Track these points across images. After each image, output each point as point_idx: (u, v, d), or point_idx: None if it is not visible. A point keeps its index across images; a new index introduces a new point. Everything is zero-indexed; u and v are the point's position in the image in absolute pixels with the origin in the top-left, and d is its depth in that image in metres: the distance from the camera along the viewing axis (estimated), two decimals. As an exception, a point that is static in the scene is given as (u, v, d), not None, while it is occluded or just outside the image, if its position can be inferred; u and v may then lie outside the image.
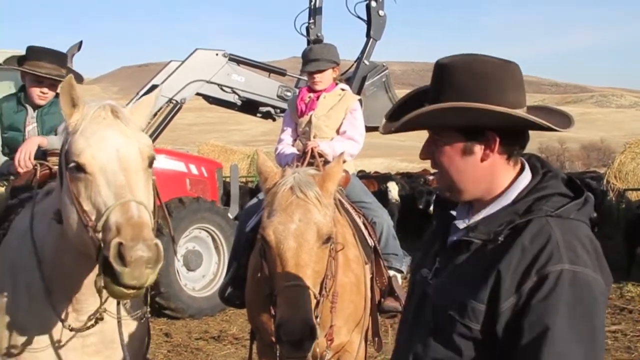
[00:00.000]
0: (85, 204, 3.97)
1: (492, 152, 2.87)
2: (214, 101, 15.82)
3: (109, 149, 4.03)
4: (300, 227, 4.63)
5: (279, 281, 4.54)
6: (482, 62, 2.89)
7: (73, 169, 4.02)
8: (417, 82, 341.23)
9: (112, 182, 3.95)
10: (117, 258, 3.69)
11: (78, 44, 12.53)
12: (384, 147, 55.06)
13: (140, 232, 3.77)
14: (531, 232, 2.73)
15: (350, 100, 6.83)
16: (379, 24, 15.78)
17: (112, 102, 4.32)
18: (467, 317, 2.77)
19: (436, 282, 3.02)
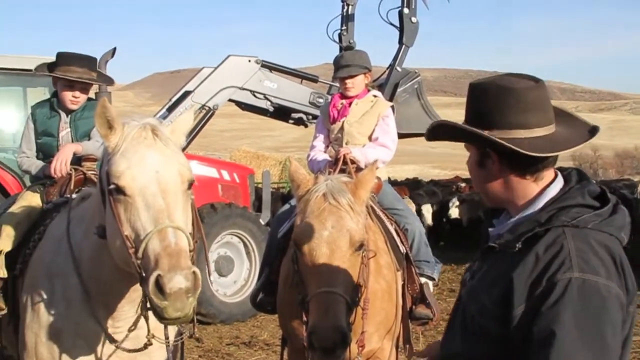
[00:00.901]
0: (125, 227, 3.99)
1: (501, 168, 3.03)
2: (246, 107, 15.87)
3: (148, 170, 4.03)
4: (333, 234, 4.63)
5: (311, 288, 4.54)
6: (488, 86, 3.07)
7: (113, 191, 4.04)
8: (449, 88, 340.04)
9: (151, 206, 3.97)
10: (157, 292, 3.72)
11: (112, 51, 12.64)
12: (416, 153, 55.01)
13: (177, 261, 3.78)
14: (547, 241, 2.82)
15: (382, 106, 6.82)
16: (411, 31, 15.78)
17: (153, 122, 4.32)
18: (486, 319, 2.90)
19: (469, 285, 3.16)
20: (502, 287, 2.83)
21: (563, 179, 3.06)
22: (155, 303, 3.74)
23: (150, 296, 3.74)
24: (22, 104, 13.78)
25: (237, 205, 13.63)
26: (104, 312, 4.69)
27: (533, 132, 2.97)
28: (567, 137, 3.03)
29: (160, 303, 3.73)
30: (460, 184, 25.89)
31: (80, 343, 4.71)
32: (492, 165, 3.04)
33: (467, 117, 3.12)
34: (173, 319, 3.80)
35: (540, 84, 3.05)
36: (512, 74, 3.12)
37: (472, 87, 3.14)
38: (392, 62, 15.83)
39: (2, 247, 5.48)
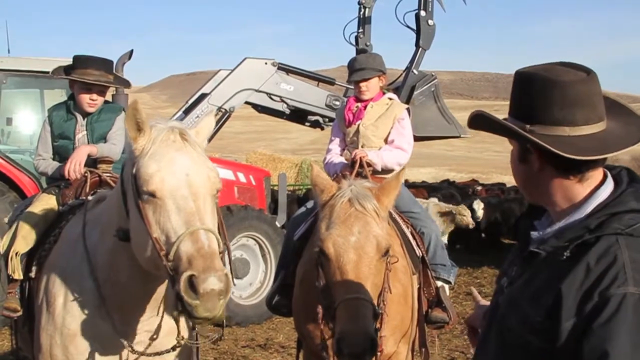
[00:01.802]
0: (154, 229, 4.00)
1: (543, 166, 2.82)
2: (262, 110, 15.89)
3: (179, 173, 4.06)
4: (360, 240, 4.62)
5: (339, 294, 4.52)
6: (531, 77, 2.84)
7: (142, 193, 4.05)
8: (466, 91, 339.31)
9: (182, 208, 3.98)
10: (189, 290, 3.73)
11: (129, 53, 12.69)
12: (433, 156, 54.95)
13: (211, 263, 3.80)
14: (598, 251, 2.63)
15: (398, 109, 6.80)
16: (428, 34, 15.78)
17: (179, 125, 4.34)
18: (528, 331, 2.72)
19: (508, 292, 2.98)
20: (548, 299, 2.65)
21: (613, 180, 2.86)
22: (186, 301, 3.75)
23: (182, 294, 3.74)
24: (39, 106, 13.88)
25: (253, 208, 13.61)
26: (119, 315, 4.70)
27: (579, 129, 2.74)
28: (619, 135, 2.81)
29: (191, 302, 3.73)
30: (477, 187, 25.88)
31: (95, 346, 4.72)
32: (533, 162, 2.84)
33: (510, 108, 2.93)
34: (202, 318, 3.81)
35: (591, 77, 2.79)
36: (562, 63, 2.88)
37: (517, 76, 2.92)
38: (409, 64, 15.83)
39: (18, 249, 5.49)
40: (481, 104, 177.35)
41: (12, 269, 5.27)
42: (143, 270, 4.44)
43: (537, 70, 2.86)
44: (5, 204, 11.69)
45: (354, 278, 4.53)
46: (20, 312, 5.40)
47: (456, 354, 11.04)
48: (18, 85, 13.47)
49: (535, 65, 2.93)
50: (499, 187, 26.84)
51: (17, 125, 13.94)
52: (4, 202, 11.78)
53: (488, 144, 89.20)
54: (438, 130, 15.95)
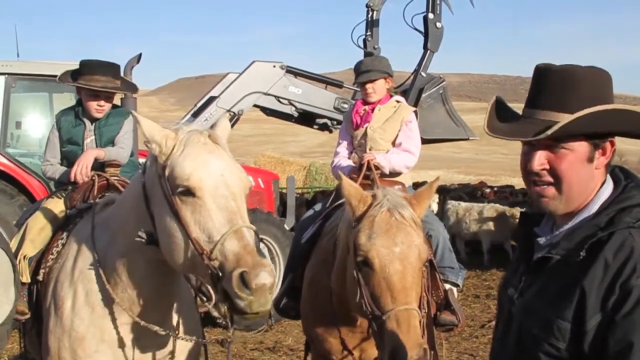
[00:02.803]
0: (193, 229, 4.03)
1: (605, 159, 2.85)
2: (271, 113, 15.92)
3: (215, 173, 4.09)
4: (404, 250, 4.64)
5: (386, 305, 4.52)
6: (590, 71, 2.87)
7: (180, 193, 4.07)
8: (474, 93, 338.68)
9: (223, 207, 4.02)
10: (243, 287, 3.76)
11: (137, 57, 12.71)
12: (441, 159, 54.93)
13: (260, 259, 3.87)
14: (614, 245, 2.66)
15: (405, 111, 6.80)
16: (436, 36, 15.78)
17: (202, 127, 4.39)
18: (554, 336, 2.72)
19: (521, 301, 2.97)
20: (572, 299, 2.67)
21: (612, 178, 2.91)
22: (240, 298, 3.79)
23: (235, 291, 3.78)
24: (47, 109, 13.93)
25: (261, 211, 13.59)
26: (129, 318, 4.70)
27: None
28: None
29: (246, 298, 3.78)
30: (486, 190, 25.79)
31: (103, 348, 4.74)
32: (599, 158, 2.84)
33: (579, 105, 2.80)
34: (255, 313, 3.86)
35: None
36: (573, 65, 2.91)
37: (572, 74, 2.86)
38: (417, 67, 15.84)
39: (26, 252, 5.51)
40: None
41: (20, 272, 5.28)
42: (158, 272, 4.52)
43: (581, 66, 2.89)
44: (14, 207, 11.72)
45: (400, 289, 4.55)
46: (28, 315, 5.42)
47: (465, 357, 11.02)
48: (27, 89, 13.52)
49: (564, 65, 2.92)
50: (508, 190, 26.72)
51: (26, 129, 13.96)
52: (13, 206, 11.82)
53: (496, 146, 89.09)
54: (446, 132, 15.93)
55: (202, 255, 3.94)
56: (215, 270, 3.89)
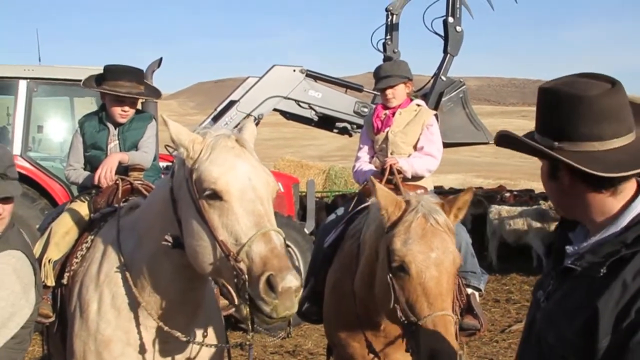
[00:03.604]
0: (220, 232, 4.04)
1: (573, 182, 2.77)
2: (291, 117, 15.92)
3: (242, 177, 4.11)
4: (440, 256, 4.67)
5: (422, 310, 4.55)
6: (556, 94, 2.79)
7: (208, 197, 4.09)
8: (493, 97, 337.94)
9: (251, 211, 4.04)
10: (269, 291, 3.79)
11: (158, 61, 12.74)
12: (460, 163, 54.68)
13: (286, 262, 3.88)
14: (635, 266, 2.59)
15: (426, 115, 6.80)
16: (456, 40, 15.77)
17: (229, 132, 4.41)
18: (565, 348, 2.70)
19: (545, 307, 2.95)
20: (585, 316, 2.61)
21: None
22: (266, 302, 3.81)
23: (262, 295, 3.80)
24: (69, 113, 14.00)
25: (281, 215, 13.56)
26: (155, 322, 4.72)
27: (609, 143, 2.69)
28: None
29: (271, 302, 3.80)
30: (505, 194, 25.70)
31: (129, 351, 4.75)
32: (563, 179, 2.79)
33: (537, 125, 2.90)
34: (281, 317, 3.88)
35: (616, 88, 2.74)
36: (586, 75, 2.83)
37: (542, 92, 2.87)
38: (437, 71, 15.82)
39: (51, 256, 5.53)
40: (508, 110, 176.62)
41: (44, 276, 5.29)
42: (184, 277, 4.53)
43: (561, 86, 2.81)
44: (36, 211, 11.77)
45: (437, 294, 4.57)
46: (53, 318, 5.43)
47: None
48: (48, 94, 13.57)
49: (557, 80, 2.89)
50: (527, 194, 26.61)
51: (48, 133, 14.04)
52: (35, 209, 11.87)
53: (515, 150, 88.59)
54: (467, 136, 15.89)
55: (228, 257, 3.95)
56: (240, 273, 3.90)
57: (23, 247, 4.49)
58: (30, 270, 4.44)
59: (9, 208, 4.39)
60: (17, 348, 4.36)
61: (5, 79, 12.90)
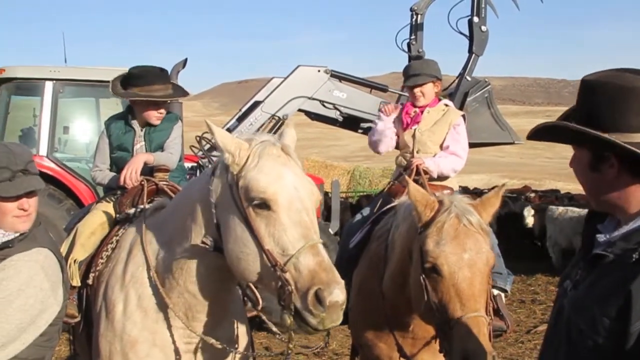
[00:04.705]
0: (267, 242, 4.05)
1: (620, 173, 2.80)
2: (315, 117, 15.92)
3: (289, 187, 4.12)
4: (473, 257, 4.65)
5: (455, 311, 4.53)
6: (604, 85, 2.81)
7: (256, 206, 4.10)
8: (518, 97, 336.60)
9: (298, 222, 4.05)
10: (317, 305, 3.83)
11: (183, 62, 12.78)
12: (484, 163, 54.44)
13: (333, 275, 3.93)
14: None
15: (454, 115, 6.81)
16: (481, 40, 15.73)
17: (274, 138, 4.40)
18: (597, 332, 2.72)
19: (573, 295, 2.97)
20: (618, 300, 2.65)
21: None
22: (314, 315, 3.86)
23: (310, 308, 3.85)
24: (94, 114, 14.07)
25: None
26: (183, 322, 4.73)
27: None
28: None
29: (318, 315, 3.85)
30: (530, 194, 25.58)
31: (155, 352, 4.76)
32: (609, 170, 2.81)
33: (580, 116, 2.88)
34: (326, 329, 3.96)
35: None
36: (627, 70, 2.87)
37: (587, 84, 2.90)
38: (462, 71, 15.80)
39: (77, 256, 5.56)
40: (534, 110, 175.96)
41: (70, 276, 5.31)
42: (216, 279, 4.57)
43: (609, 78, 2.84)
44: (62, 212, 11.83)
45: (469, 295, 4.56)
46: (78, 319, 5.45)
47: (511, 363, 10.96)
48: (74, 94, 13.66)
49: (600, 73, 2.92)
50: (553, 194, 26.49)
51: (74, 134, 14.12)
52: (61, 210, 11.93)
53: (540, 150, 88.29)
54: (492, 136, 15.84)
55: (274, 267, 3.97)
56: (286, 283, 3.93)
57: (50, 244, 4.52)
58: (57, 267, 4.46)
59: (33, 202, 4.41)
60: (45, 345, 4.38)
61: (32, 80, 13.02)
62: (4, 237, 4.33)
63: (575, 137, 2.88)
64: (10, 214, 4.33)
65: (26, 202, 4.36)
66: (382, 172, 32.67)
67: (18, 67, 13.18)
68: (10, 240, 4.31)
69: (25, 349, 4.22)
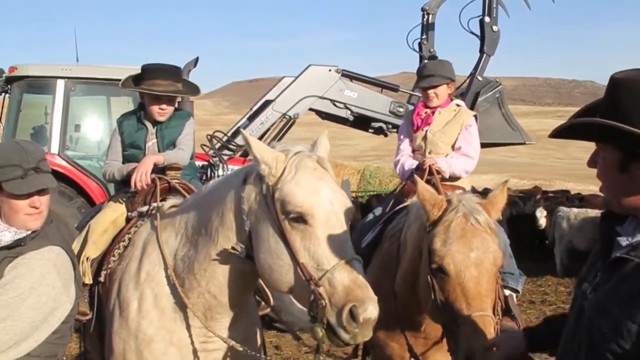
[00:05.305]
0: (302, 255, 4.08)
1: None
2: (326, 117, 15.89)
3: (326, 202, 4.15)
4: (480, 256, 4.64)
5: (462, 310, 4.53)
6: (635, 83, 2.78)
7: (292, 219, 4.12)
8: (529, 97, 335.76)
9: (333, 236, 4.07)
10: (351, 321, 3.87)
11: (194, 60, 12.80)
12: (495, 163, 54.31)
13: (368, 292, 3.97)
14: None
15: (465, 115, 6.80)
16: (492, 40, 15.70)
17: (309, 150, 4.43)
18: (621, 336, 2.70)
19: (594, 297, 2.94)
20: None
21: None
22: (347, 331, 3.91)
23: (343, 325, 3.88)
24: (106, 112, 14.13)
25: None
26: (201, 322, 4.73)
27: None
28: None
29: (351, 330, 3.89)
30: (539, 195, 25.46)
31: (172, 351, 4.77)
32: (638, 171, 2.77)
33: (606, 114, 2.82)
34: (357, 344, 4.09)
35: None
36: None
37: (616, 83, 2.85)
38: (473, 71, 15.76)
39: (89, 254, 5.57)
40: (544, 110, 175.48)
41: (82, 273, 5.32)
42: (240, 282, 4.61)
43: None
44: (73, 209, 11.87)
45: (476, 294, 4.55)
46: (90, 316, 5.46)
47: (521, 363, 10.90)
48: (86, 93, 13.70)
49: (630, 71, 2.88)
50: (563, 195, 26.37)
51: (85, 132, 14.14)
52: (72, 207, 11.96)
53: (550, 150, 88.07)
54: (503, 136, 15.81)
55: (309, 281, 4.00)
56: (319, 297, 3.96)
57: (62, 242, 4.53)
58: (69, 265, 4.47)
59: (45, 200, 4.43)
60: (58, 343, 4.40)
61: (44, 79, 13.11)
62: (16, 235, 4.35)
63: (603, 135, 2.82)
64: (22, 211, 4.35)
65: (38, 200, 4.37)
66: (392, 171, 32.54)
67: (30, 65, 13.25)
68: (23, 238, 4.33)
69: (37, 346, 4.25)
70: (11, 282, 4.16)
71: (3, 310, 4.09)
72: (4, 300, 4.12)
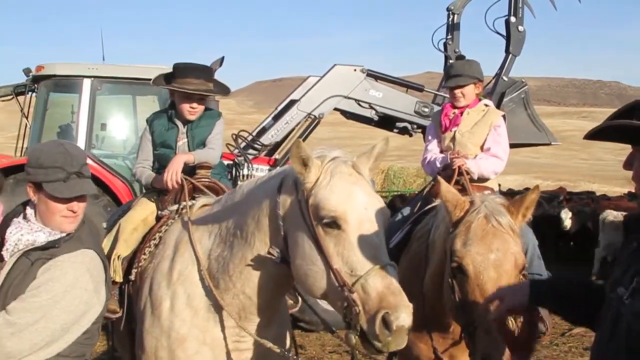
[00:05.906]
0: (335, 261, 4.08)
1: None
2: (351, 116, 15.88)
3: (360, 207, 4.15)
4: (499, 258, 4.59)
5: (481, 312, 4.46)
6: None
7: (325, 225, 4.13)
8: (554, 98, 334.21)
9: (367, 243, 4.08)
10: (384, 329, 3.86)
11: (220, 60, 12.80)
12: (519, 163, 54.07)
13: (402, 299, 3.96)
14: None
15: (494, 116, 6.77)
16: (518, 40, 15.61)
17: (344, 155, 4.44)
18: None
19: (631, 303, 2.92)
20: None
21: None
22: (380, 339, 3.90)
23: (376, 334, 3.88)
24: (131, 112, 14.18)
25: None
26: (233, 323, 4.78)
27: None
28: None
29: (384, 339, 3.89)
30: (565, 196, 25.36)
31: (204, 350, 4.79)
32: None
33: None
34: (389, 352, 4.06)
35: None
36: None
37: None
38: (499, 71, 15.68)
39: (120, 252, 5.59)
40: (569, 111, 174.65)
41: (113, 272, 5.35)
42: (275, 285, 4.64)
43: None
44: (99, 208, 11.91)
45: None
46: (120, 314, 5.49)
47: (546, 364, 10.90)
48: (112, 92, 13.76)
49: None
50: (588, 196, 26.25)
51: (111, 131, 14.18)
52: (98, 206, 12.00)
53: (575, 151, 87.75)
54: (528, 137, 15.73)
55: (342, 287, 4.00)
56: (353, 304, 3.96)
57: (95, 246, 4.56)
58: (101, 268, 4.50)
59: (82, 206, 4.46)
60: (86, 343, 4.43)
61: (70, 78, 13.18)
62: (50, 237, 4.38)
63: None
64: (58, 213, 4.37)
65: (76, 205, 4.40)
66: (416, 171, 32.58)
67: (56, 65, 13.34)
68: (56, 240, 4.35)
69: (67, 347, 4.27)
70: (45, 284, 4.19)
71: (36, 313, 4.12)
72: (38, 302, 4.15)
